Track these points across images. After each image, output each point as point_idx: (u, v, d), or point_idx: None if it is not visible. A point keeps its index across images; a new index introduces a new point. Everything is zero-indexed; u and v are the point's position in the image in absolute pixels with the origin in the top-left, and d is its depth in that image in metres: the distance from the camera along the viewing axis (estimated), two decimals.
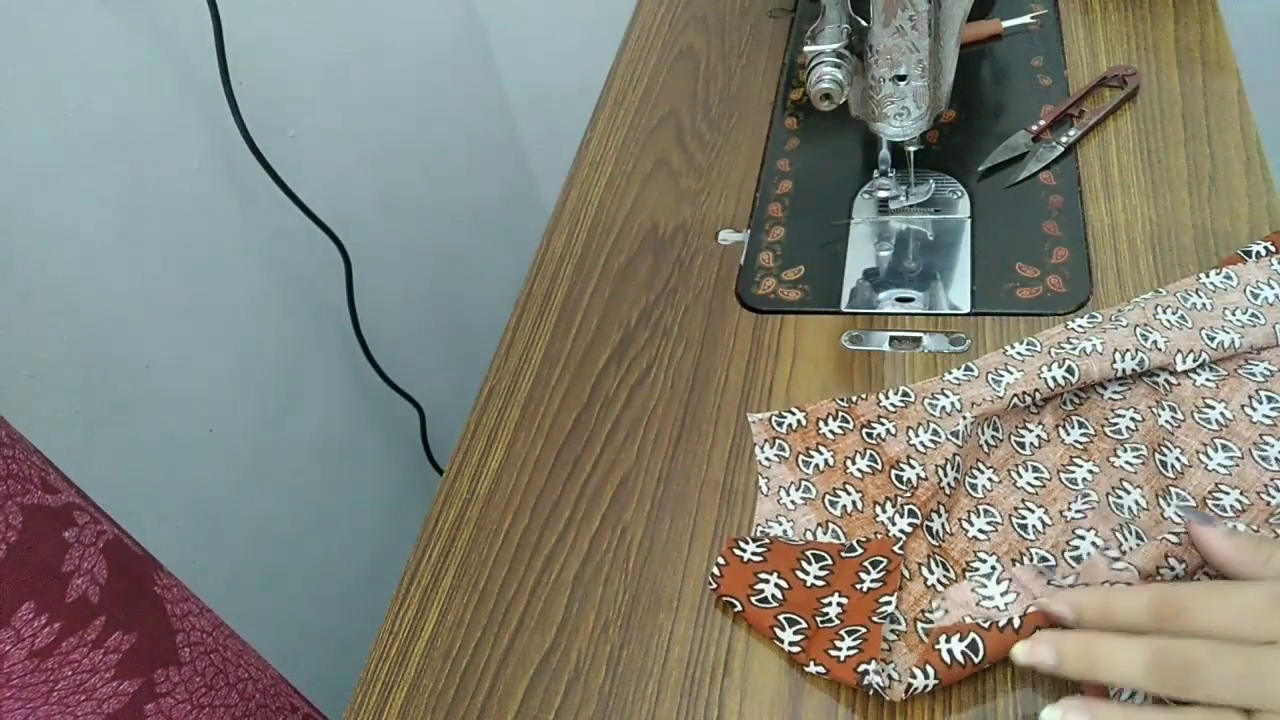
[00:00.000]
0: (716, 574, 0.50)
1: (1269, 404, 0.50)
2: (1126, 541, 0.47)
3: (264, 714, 0.58)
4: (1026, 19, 0.78)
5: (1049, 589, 0.45)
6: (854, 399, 0.56)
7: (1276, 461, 0.48)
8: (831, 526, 0.52)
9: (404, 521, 1.11)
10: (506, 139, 1.32)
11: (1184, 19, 0.75)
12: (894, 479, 0.52)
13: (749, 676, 0.47)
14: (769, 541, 0.51)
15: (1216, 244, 0.60)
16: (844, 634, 0.46)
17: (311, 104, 0.92)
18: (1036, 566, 0.47)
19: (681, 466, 0.56)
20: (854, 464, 0.54)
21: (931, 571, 0.48)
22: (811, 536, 0.51)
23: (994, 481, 0.52)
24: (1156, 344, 0.53)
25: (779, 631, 0.47)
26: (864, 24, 0.57)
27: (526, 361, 0.64)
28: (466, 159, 1.22)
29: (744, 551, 0.50)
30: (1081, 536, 0.48)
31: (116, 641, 0.48)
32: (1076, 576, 0.45)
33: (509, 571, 0.54)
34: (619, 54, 0.87)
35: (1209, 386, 0.52)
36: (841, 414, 0.56)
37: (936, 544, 0.50)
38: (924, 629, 0.46)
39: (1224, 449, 0.49)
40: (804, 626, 0.47)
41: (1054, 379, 0.52)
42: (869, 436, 0.54)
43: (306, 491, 0.96)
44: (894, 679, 0.44)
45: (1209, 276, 0.57)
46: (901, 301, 0.62)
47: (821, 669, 0.45)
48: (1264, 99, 0.70)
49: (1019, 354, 0.56)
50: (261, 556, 0.91)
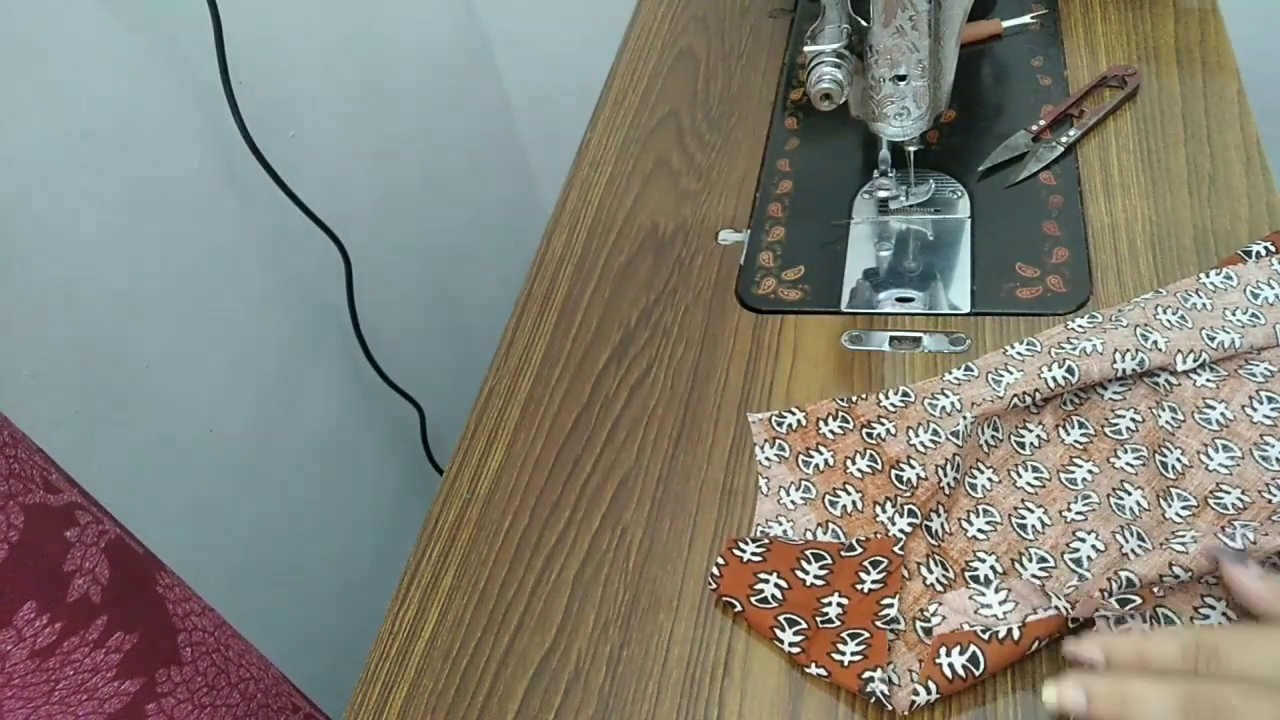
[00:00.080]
0: (716, 574, 0.50)
1: (1269, 404, 0.50)
2: (1128, 543, 0.47)
3: (266, 714, 0.58)
4: (1026, 19, 0.78)
5: (1046, 600, 0.45)
6: (854, 399, 0.56)
7: (1277, 461, 0.48)
8: (831, 526, 0.52)
9: (404, 521, 1.11)
10: (506, 139, 1.32)
11: (1184, 19, 0.75)
12: (894, 479, 0.52)
13: (749, 676, 0.47)
14: (769, 541, 0.51)
15: (1216, 244, 0.60)
16: (846, 637, 0.46)
17: (311, 104, 0.92)
18: (1032, 582, 0.47)
19: (681, 466, 0.56)
20: (854, 464, 0.54)
21: (931, 571, 0.48)
22: (811, 536, 0.51)
23: (994, 481, 0.52)
24: (1157, 344, 0.53)
25: (779, 632, 0.47)
26: (864, 24, 0.57)
27: (526, 361, 0.64)
28: (466, 159, 1.22)
29: (744, 552, 0.50)
30: (1082, 539, 0.48)
31: (118, 641, 0.48)
32: (1075, 589, 0.45)
33: (509, 571, 0.54)
34: (619, 54, 0.87)
35: (1209, 387, 0.52)
36: (841, 414, 0.56)
37: (936, 544, 0.50)
38: (923, 628, 0.46)
39: (1225, 449, 0.49)
40: (804, 627, 0.47)
41: (1054, 379, 0.52)
42: (869, 436, 0.55)
43: (306, 491, 0.96)
44: (894, 683, 0.44)
45: (1209, 276, 0.57)
46: (901, 301, 0.62)
47: (823, 671, 0.46)
48: (1264, 99, 0.70)
49: (1019, 354, 0.56)
50: (261, 556, 0.91)
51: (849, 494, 0.53)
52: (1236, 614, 0.44)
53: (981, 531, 0.50)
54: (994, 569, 0.48)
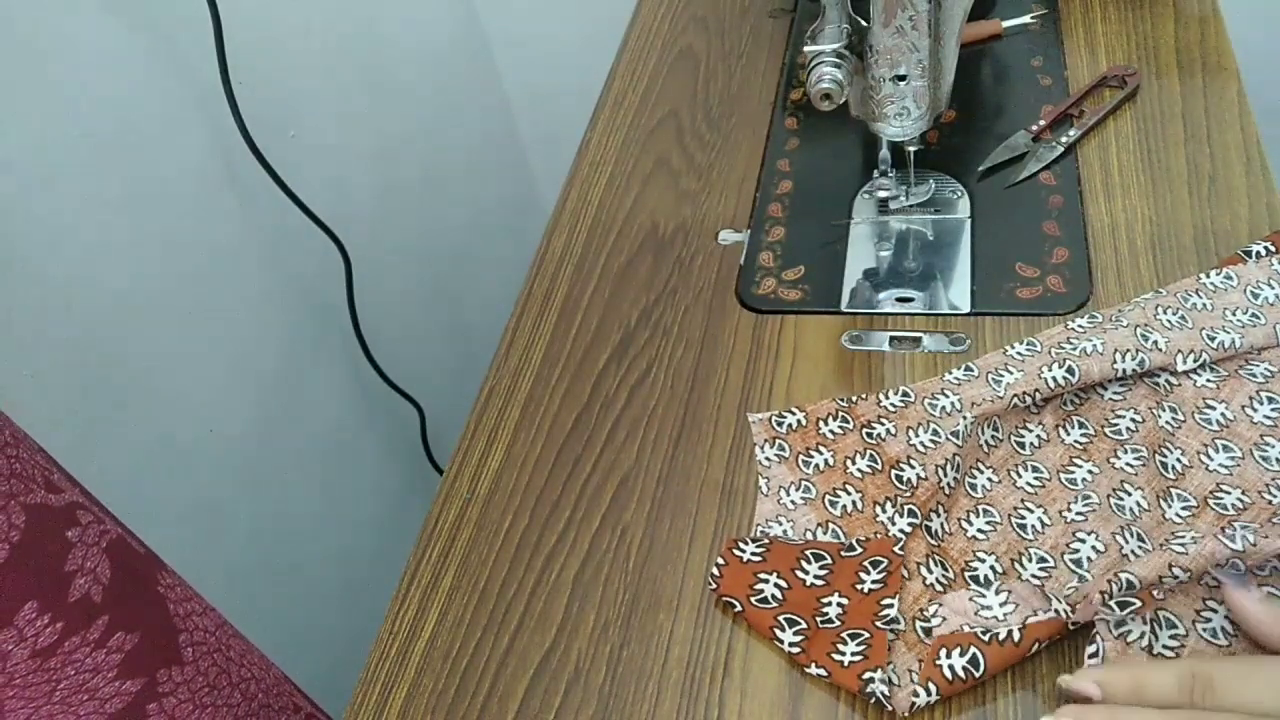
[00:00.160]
0: (716, 574, 0.50)
1: (1269, 405, 0.51)
2: (1128, 544, 0.47)
3: (267, 714, 0.58)
4: (1026, 19, 0.78)
5: (1046, 602, 0.45)
6: (854, 399, 0.56)
7: (1277, 462, 0.48)
8: (831, 526, 0.52)
9: (404, 521, 1.11)
10: (506, 139, 1.32)
11: (1184, 19, 0.75)
12: (894, 479, 0.52)
13: (749, 676, 0.47)
14: (769, 541, 0.51)
15: (1216, 244, 0.60)
16: (846, 637, 0.46)
17: (311, 104, 0.92)
18: (1032, 583, 0.47)
19: (681, 466, 0.56)
20: (854, 464, 0.54)
21: (930, 571, 0.49)
22: (811, 536, 0.52)
23: (993, 481, 0.52)
24: (1157, 344, 0.53)
25: (779, 632, 0.47)
26: (864, 24, 0.58)
27: (526, 361, 0.64)
28: (466, 159, 1.22)
29: (744, 552, 0.51)
30: (1082, 540, 0.48)
31: (119, 641, 0.48)
32: (1075, 590, 0.45)
33: (509, 571, 0.54)
34: (619, 54, 0.87)
35: (1209, 387, 0.52)
36: (841, 414, 0.56)
37: (935, 544, 0.50)
38: (923, 628, 0.46)
39: (1225, 449, 0.50)
40: (804, 627, 0.47)
41: (1054, 379, 0.52)
42: (869, 436, 0.55)
43: (306, 491, 0.96)
44: (894, 683, 0.44)
45: (1209, 276, 0.57)
46: (901, 301, 0.62)
47: (823, 671, 0.46)
48: (1264, 99, 0.70)
49: (1019, 354, 0.56)
50: (261, 556, 0.91)
51: (849, 494, 0.53)
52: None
53: (981, 531, 0.50)
54: (994, 569, 0.48)
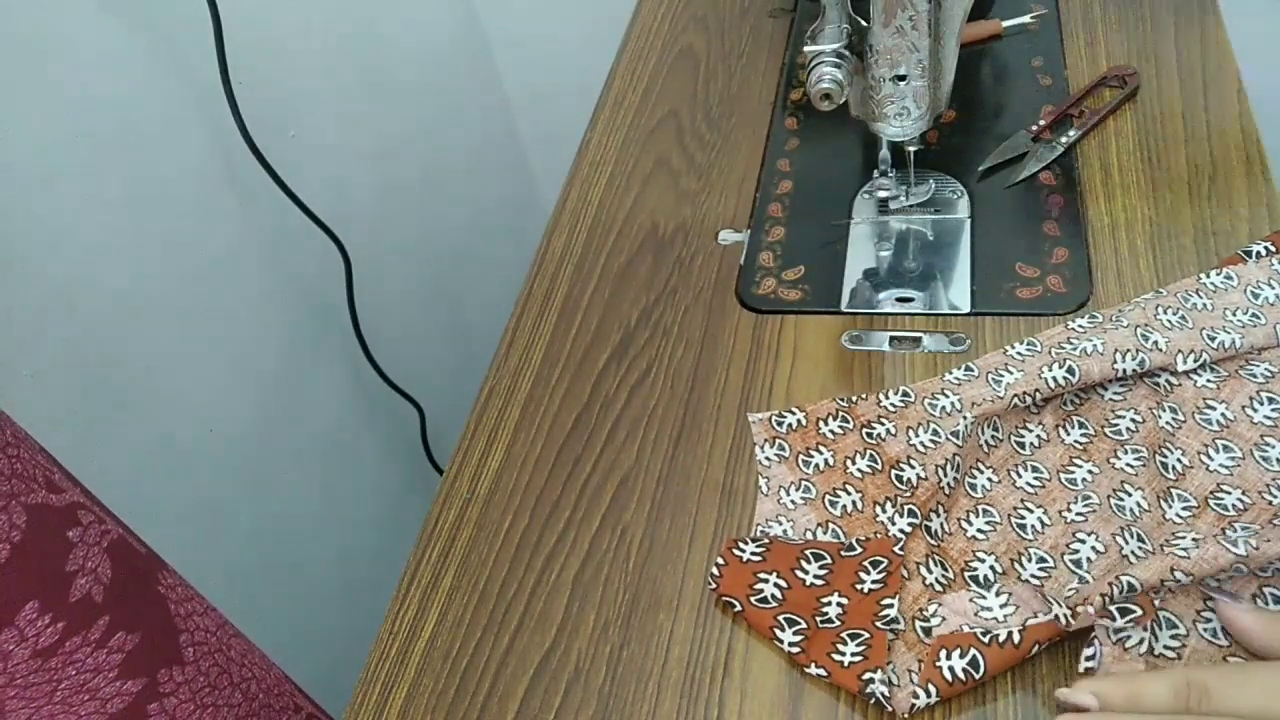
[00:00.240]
0: (716, 574, 0.50)
1: (1270, 405, 0.51)
2: (1128, 545, 0.47)
3: (268, 714, 0.59)
4: (1026, 19, 0.78)
5: (1047, 605, 0.45)
6: (854, 399, 0.56)
7: (1278, 462, 0.48)
8: (831, 526, 0.52)
9: (404, 521, 1.11)
10: (506, 139, 1.32)
11: (1184, 18, 0.75)
12: (894, 479, 0.52)
13: (749, 676, 0.47)
14: (769, 541, 0.51)
15: (1216, 244, 0.60)
16: (846, 637, 0.46)
17: (311, 104, 0.92)
18: (1032, 585, 0.47)
19: (681, 466, 0.56)
20: (854, 464, 0.54)
21: (930, 571, 0.49)
22: (811, 536, 0.52)
23: (993, 481, 0.52)
24: (1157, 344, 0.53)
25: (778, 632, 0.47)
26: (864, 24, 0.58)
27: (526, 361, 0.64)
28: (466, 159, 1.22)
29: (743, 551, 0.51)
30: (1082, 540, 0.48)
31: (120, 641, 0.48)
32: (1076, 593, 0.45)
33: (509, 571, 0.54)
34: (619, 54, 0.87)
35: (1210, 387, 0.52)
36: (841, 414, 0.56)
37: (935, 544, 0.50)
38: (922, 628, 0.46)
39: (1225, 450, 0.50)
40: (804, 627, 0.47)
41: (1054, 379, 0.52)
42: (869, 436, 0.55)
43: (306, 491, 0.96)
44: (894, 684, 0.44)
45: (1209, 277, 0.57)
46: (901, 301, 0.62)
47: (823, 671, 0.46)
48: (1264, 99, 0.70)
49: (1019, 354, 0.56)
50: (261, 556, 0.91)
51: (849, 494, 0.53)
52: None
53: (981, 531, 0.50)
54: (993, 569, 0.48)
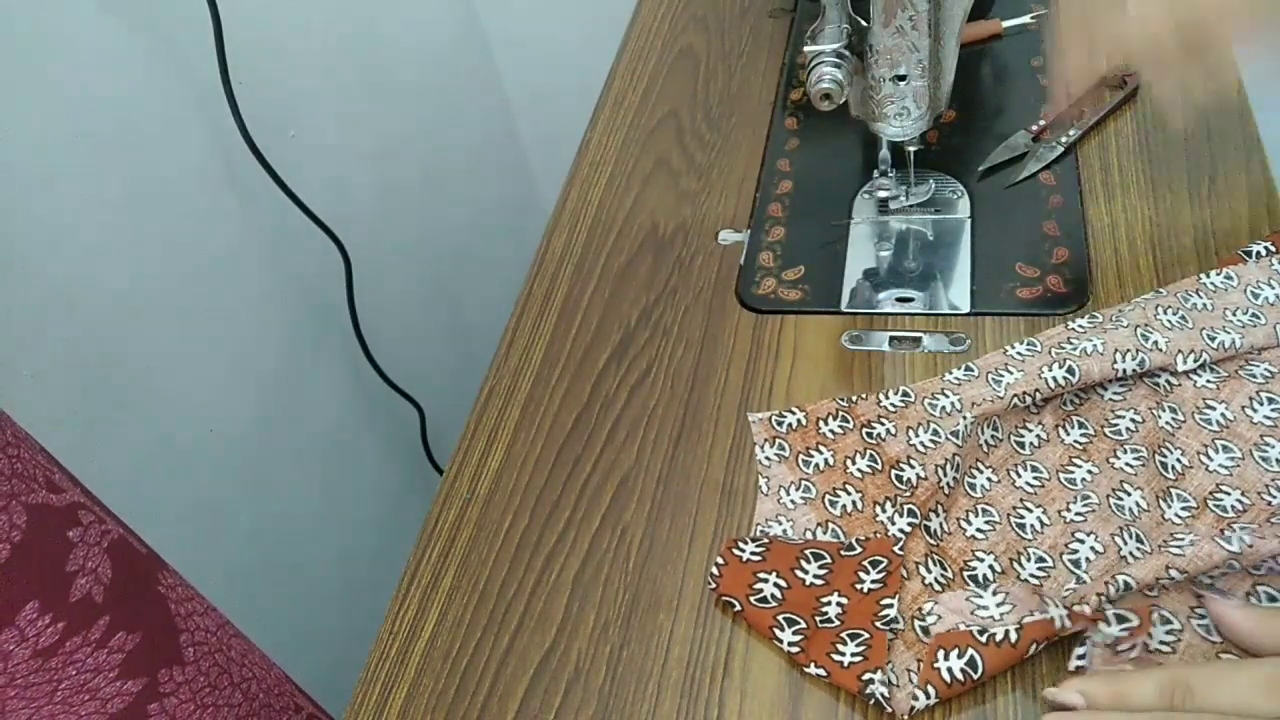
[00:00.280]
0: (716, 574, 0.50)
1: (1270, 405, 0.51)
2: (1126, 545, 0.47)
3: (268, 714, 0.59)
4: (1026, 19, 0.78)
5: (1043, 605, 0.45)
6: (854, 399, 0.56)
7: (1277, 462, 0.48)
8: (831, 526, 0.52)
9: (404, 521, 1.11)
10: (506, 139, 1.32)
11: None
12: (894, 479, 0.52)
13: (749, 676, 0.47)
14: (768, 541, 0.51)
15: (1216, 244, 0.60)
16: (846, 637, 0.46)
17: (311, 104, 0.92)
18: (1030, 584, 0.47)
19: (681, 466, 0.56)
20: (854, 464, 0.54)
21: (929, 570, 0.49)
22: (811, 536, 0.52)
23: (993, 481, 0.52)
24: (1157, 344, 0.53)
25: (778, 632, 0.47)
26: (864, 24, 0.58)
27: (526, 361, 0.64)
28: (466, 159, 1.22)
29: (743, 551, 0.51)
30: (1081, 540, 0.48)
31: (120, 641, 0.48)
32: (1073, 592, 0.45)
33: (509, 571, 0.54)
34: (619, 54, 0.87)
35: (1209, 388, 0.52)
36: (841, 414, 0.56)
37: (935, 543, 0.50)
38: (920, 627, 0.46)
39: (1225, 450, 0.50)
40: (803, 626, 0.47)
41: (1054, 379, 0.52)
42: (869, 436, 0.55)
43: (306, 491, 0.96)
44: (894, 684, 0.44)
45: (1209, 277, 0.57)
46: (901, 301, 0.62)
47: (822, 671, 0.46)
48: (1264, 99, 0.70)
49: (1019, 354, 0.56)
50: (261, 556, 0.91)
51: (849, 494, 0.53)
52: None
53: (980, 531, 0.50)
54: (992, 568, 0.48)
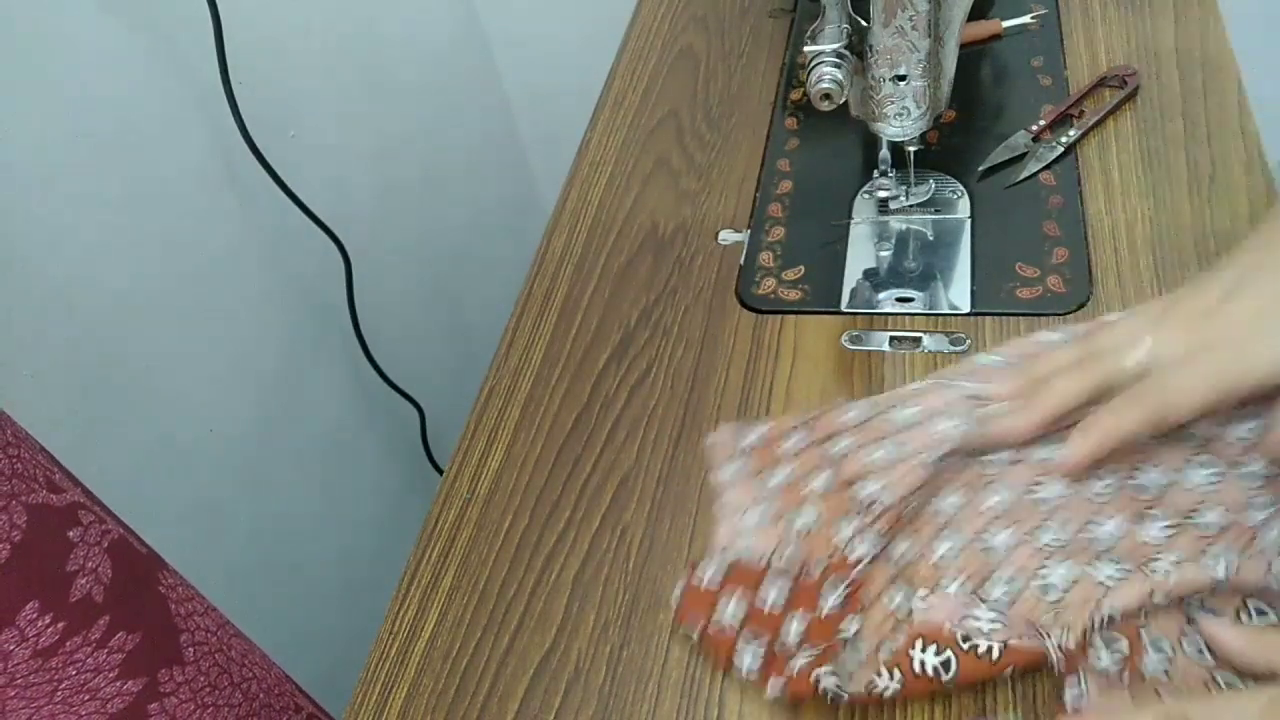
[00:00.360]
0: (677, 603, 0.48)
1: (1251, 420, 0.49)
2: (1102, 571, 0.45)
3: (268, 714, 0.59)
4: (1026, 19, 0.78)
5: (1038, 636, 0.44)
6: (815, 414, 0.54)
7: (1256, 477, 0.46)
8: (790, 546, 0.49)
9: (404, 521, 1.11)
10: (506, 139, 1.32)
11: (1184, 19, 0.75)
12: (852, 497, 0.49)
13: None
14: (727, 566, 0.49)
15: (1216, 244, 0.60)
16: (799, 652, 0.45)
17: (311, 104, 0.92)
18: (1022, 611, 0.45)
19: (681, 466, 0.56)
20: (813, 482, 0.51)
21: (893, 599, 0.47)
22: (771, 557, 0.49)
23: (959, 504, 0.49)
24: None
25: (736, 660, 0.46)
26: (864, 24, 0.58)
27: (526, 361, 0.64)
28: (466, 159, 1.22)
29: (702, 579, 0.49)
30: (1050, 565, 0.46)
31: (120, 641, 0.48)
32: (1064, 632, 0.43)
33: (509, 571, 0.54)
34: (619, 54, 0.87)
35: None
36: (802, 430, 0.53)
37: (897, 570, 0.48)
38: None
39: (1204, 466, 0.47)
40: (762, 653, 0.46)
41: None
42: (827, 453, 0.51)
43: (306, 491, 0.96)
44: (848, 674, 0.43)
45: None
46: (901, 301, 0.62)
47: (778, 687, 0.44)
48: (1264, 99, 0.70)
49: (992, 363, 0.53)
50: (261, 556, 0.91)
51: (808, 513, 0.50)
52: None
53: (947, 554, 0.48)
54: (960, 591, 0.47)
